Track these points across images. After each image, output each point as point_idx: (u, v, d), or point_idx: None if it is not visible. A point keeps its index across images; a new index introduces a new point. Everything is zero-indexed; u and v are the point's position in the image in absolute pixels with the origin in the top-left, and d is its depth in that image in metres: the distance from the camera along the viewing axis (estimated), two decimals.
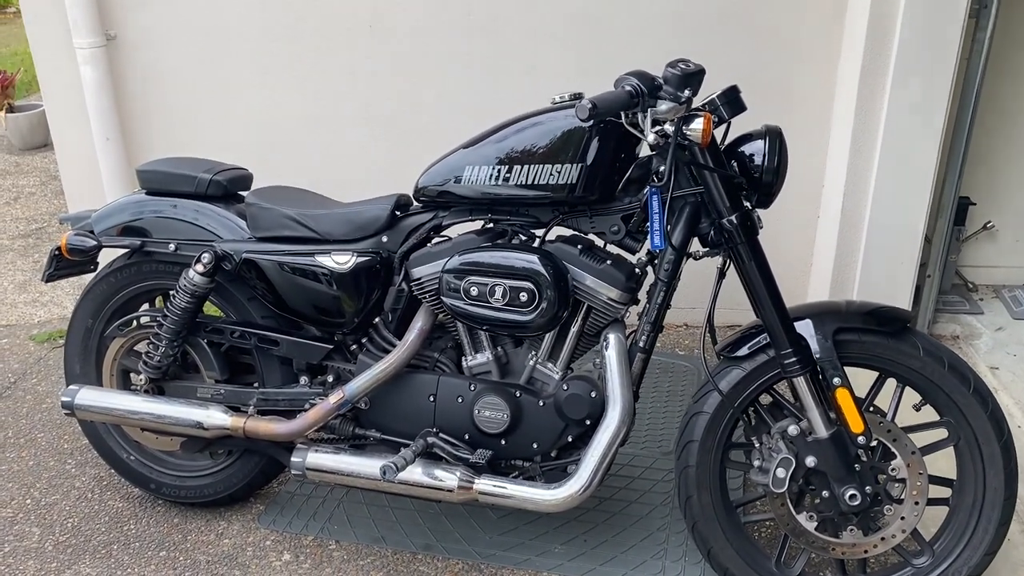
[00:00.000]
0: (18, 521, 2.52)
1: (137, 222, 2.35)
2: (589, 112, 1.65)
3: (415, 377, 2.19)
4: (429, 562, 2.33)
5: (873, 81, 2.86)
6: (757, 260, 1.92)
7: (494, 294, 2.00)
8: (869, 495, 1.95)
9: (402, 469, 2.01)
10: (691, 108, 1.81)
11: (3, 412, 3.05)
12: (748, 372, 2.00)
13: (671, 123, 1.80)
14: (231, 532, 2.46)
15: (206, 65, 3.30)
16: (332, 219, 2.21)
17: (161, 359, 2.32)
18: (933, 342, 1.97)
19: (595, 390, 2.05)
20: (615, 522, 2.45)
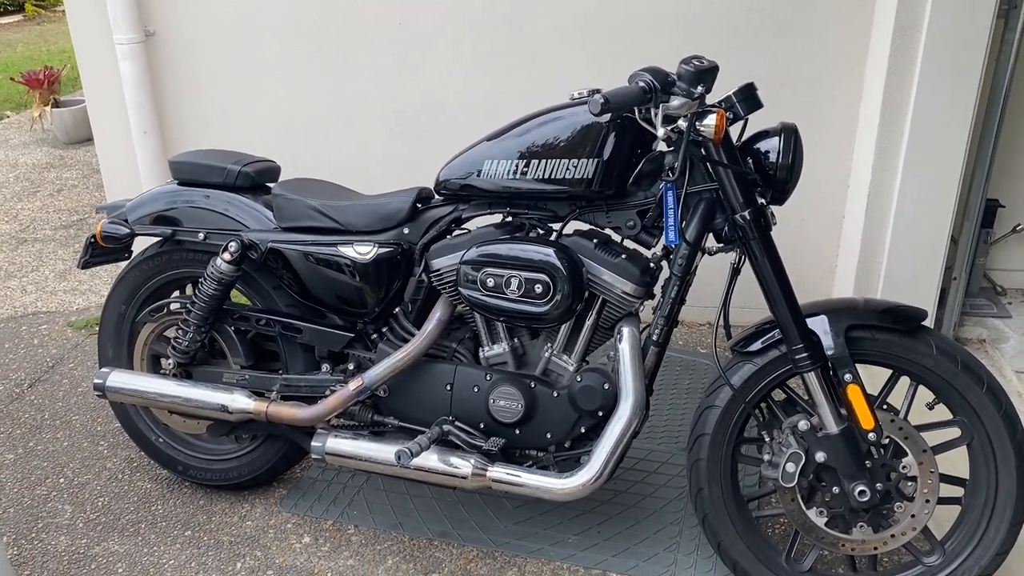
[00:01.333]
0: (51, 499, 2.62)
1: (169, 211, 2.43)
2: (602, 107, 1.68)
3: (433, 366, 2.24)
4: (445, 548, 2.38)
5: (899, 81, 2.86)
6: (770, 256, 1.94)
7: (510, 285, 2.04)
8: (879, 492, 1.95)
9: (417, 455, 2.06)
10: (705, 104, 1.84)
11: (40, 395, 3.16)
12: (760, 367, 2.02)
13: (685, 119, 1.83)
14: (254, 515, 2.53)
15: (238, 62, 3.38)
16: (355, 210, 2.27)
17: (189, 344, 2.39)
18: (947, 340, 1.97)
19: (608, 382, 2.08)
20: (629, 515, 2.47)
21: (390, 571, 2.31)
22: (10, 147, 6.39)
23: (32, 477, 2.71)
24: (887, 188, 3.00)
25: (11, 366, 3.37)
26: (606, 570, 2.28)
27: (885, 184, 3.00)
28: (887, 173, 2.98)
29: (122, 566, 2.35)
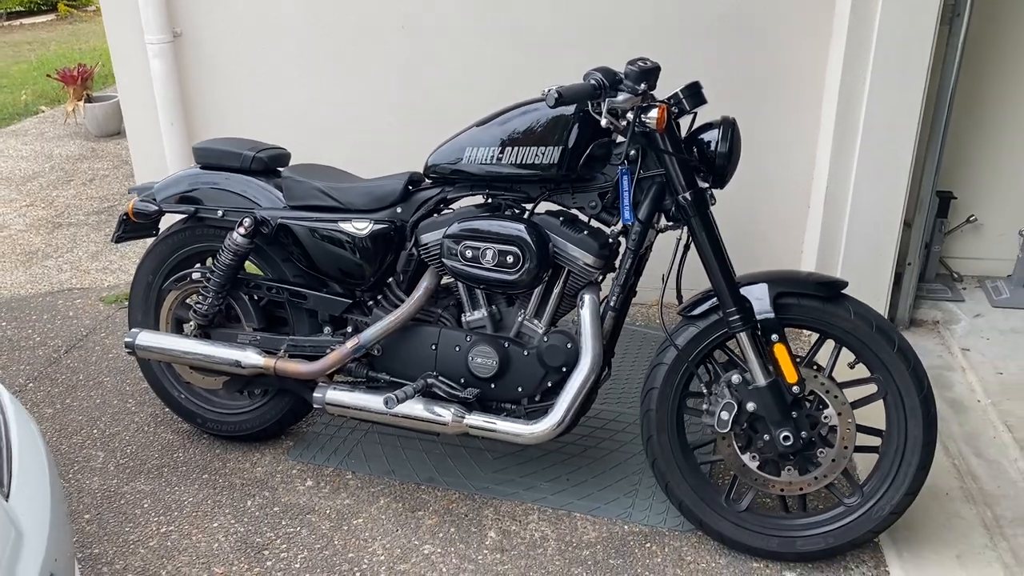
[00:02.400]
0: (85, 447, 2.96)
1: (192, 192, 2.75)
2: (556, 100, 1.99)
3: (420, 329, 2.55)
4: (430, 492, 2.69)
5: (853, 82, 3.13)
6: (708, 231, 2.23)
7: (485, 256, 2.35)
8: (803, 438, 2.24)
9: (402, 401, 2.37)
10: (651, 100, 2.14)
11: (76, 360, 3.51)
12: (701, 329, 2.31)
13: (632, 112, 2.13)
14: (264, 462, 2.85)
15: (258, 60, 3.71)
16: (354, 192, 2.58)
17: (208, 309, 2.72)
18: (863, 306, 2.25)
19: (571, 342, 2.39)
20: (597, 467, 2.77)
21: (381, 509, 2.62)
22: (45, 140, 6.78)
23: (68, 428, 3.05)
24: (843, 181, 3.27)
25: (49, 335, 3.72)
26: (571, 510, 2.59)
27: (842, 177, 3.27)
28: (843, 167, 3.26)
29: (148, 502, 2.68)
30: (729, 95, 3.38)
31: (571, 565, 2.39)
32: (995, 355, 3.28)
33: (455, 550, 2.45)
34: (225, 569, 2.40)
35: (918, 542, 2.40)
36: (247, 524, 2.57)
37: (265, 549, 2.47)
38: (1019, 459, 2.73)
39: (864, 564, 2.38)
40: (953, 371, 3.24)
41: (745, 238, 3.64)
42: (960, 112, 3.46)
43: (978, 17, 3.24)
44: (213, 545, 2.49)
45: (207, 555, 2.45)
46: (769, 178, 3.54)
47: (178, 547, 2.49)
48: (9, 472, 1.61)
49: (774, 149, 3.49)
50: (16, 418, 1.78)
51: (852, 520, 2.30)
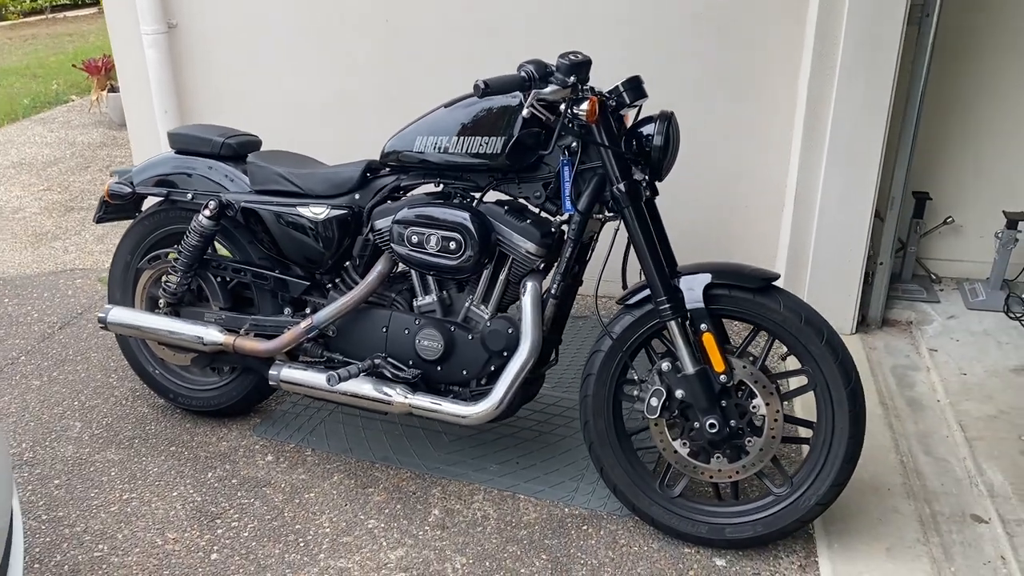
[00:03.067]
0: (65, 417, 3.10)
1: (167, 175, 2.87)
2: (482, 91, 2.06)
3: (373, 312, 2.64)
4: (384, 470, 2.78)
5: (821, 83, 3.16)
6: (641, 222, 2.29)
7: (430, 242, 2.43)
8: (731, 426, 2.29)
9: (344, 380, 2.47)
10: (582, 92, 2.21)
11: (68, 335, 3.66)
12: (636, 319, 2.37)
13: (564, 103, 2.19)
14: (229, 437, 2.97)
15: (250, 52, 3.84)
16: (314, 178, 2.68)
17: (177, 287, 2.84)
18: (794, 299, 2.29)
19: (513, 328, 2.46)
20: (548, 451, 2.84)
21: (334, 485, 2.72)
22: (71, 127, 7.02)
23: (52, 399, 3.20)
24: (812, 181, 3.30)
25: (46, 311, 3.88)
26: (516, 492, 2.66)
27: (811, 176, 3.30)
28: (812, 166, 3.29)
29: (115, 470, 2.81)
30: (706, 92, 3.45)
31: (507, 543, 2.46)
32: (962, 356, 3.28)
33: (398, 525, 2.54)
34: (177, 535, 2.51)
35: (850, 534, 2.44)
36: (205, 494, 2.68)
37: (218, 518, 2.58)
38: (967, 458, 2.74)
39: (795, 554, 2.42)
40: (918, 371, 3.25)
41: (722, 235, 3.68)
42: (935, 112, 3.47)
43: (951, 16, 3.25)
44: (170, 512, 2.61)
45: (163, 521, 2.57)
46: (746, 175, 3.57)
47: (137, 513, 2.61)
48: None
49: (751, 147, 3.52)
50: None
51: (780, 509, 2.34)
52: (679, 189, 3.62)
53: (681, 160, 3.60)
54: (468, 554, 2.42)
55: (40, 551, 2.45)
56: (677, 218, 3.67)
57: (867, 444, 2.76)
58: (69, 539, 2.50)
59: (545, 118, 2.24)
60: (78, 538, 2.50)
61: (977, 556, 2.35)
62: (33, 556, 2.43)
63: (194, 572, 2.37)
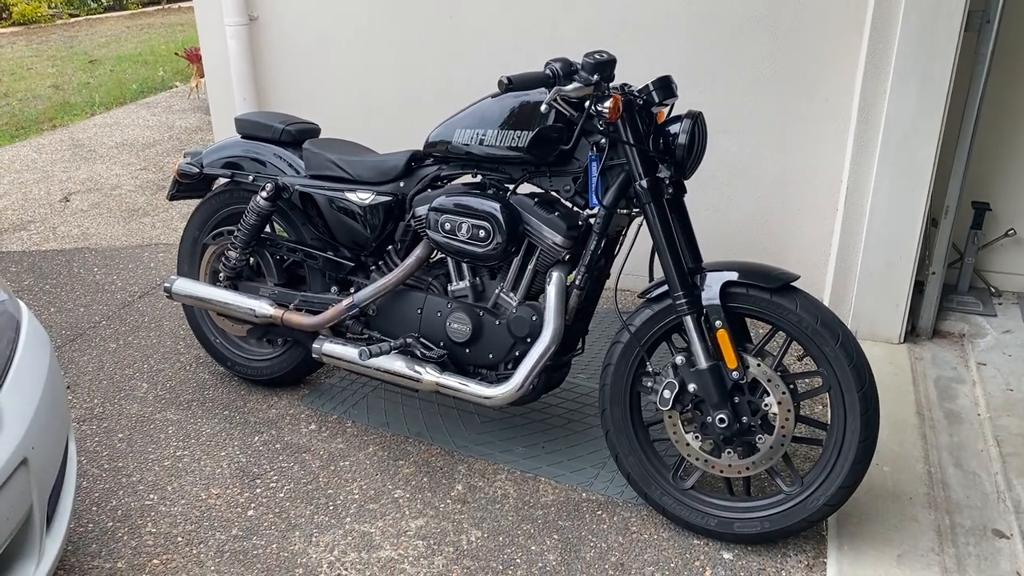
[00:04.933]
0: (134, 378, 3.36)
1: (232, 159, 3.08)
2: (505, 87, 2.17)
3: (410, 294, 2.78)
4: (416, 445, 2.92)
5: (874, 86, 3.14)
6: (661, 218, 2.35)
7: (461, 229, 2.55)
8: (742, 423, 2.33)
9: (375, 355, 2.61)
10: (607, 90, 2.28)
11: (146, 304, 3.95)
12: (655, 312, 2.43)
13: (589, 101, 2.28)
14: (279, 405, 3.16)
15: (324, 44, 4.05)
16: (363, 165, 2.84)
17: (235, 263, 3.04)
18: (811, 301, 2.31)
19: (537, 315, 2.56)
20: (574, 438, 2.93)
21: (368, 455, 2.88)
22: (172, 112, 7.44)
23: (125, 361, 3.47)
24: (863, 186, 3.28)
25: (129, 280, 4.18)
26: (537, 474, 2.76)
27: (861, 182, 3.28)
28: (863, 172, 3.26)
29: (173, 429, 3.04)
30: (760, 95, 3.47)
31: (522, 522, 2.57)
32: (1011, 371, 3.20)
33: (422, 497, 2.67)
34: (220, 491, 2.71)
35: (863, 538, 2.44)
36: (249, 456, 2.88)
37: (258, 479, 2.77)
38: (999, 473, 2.70)
39: (803, 553, 2.44)
40: (962, 383, 3.19)
41: (776, 236, 3.69)
42: (996, 121, 3.39)
43: (1015, 21, 3.17)
44: (216, 470, 2.81)
45: (209, 478, 2.78)
46: (799, 179, 3.57)
47: (187, 468, 2.82)
48: (4, 375, 1.95)
49: (804, 150, 3.52)
50: (29, 331, 2.13)
51: (788, 508, 2.36)
52: (731, 191, 3.67)
53: (733, 162, 3.67)
54: (484, 528, 2.54)
55: (99, 496, 2.69)
56: (727, 220, 3.72)
57: (896, 453, 2.78)
58: (125, 487, 2.73)
59: (569, 114, 2.32)
60: (133, 487, 2.73)
61: (991, 570, 2.33)
62: (92, 500, 2.67)
63: (231, 525, 2.56)
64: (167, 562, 2.42)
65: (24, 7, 12.22)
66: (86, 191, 5.47)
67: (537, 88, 2.27)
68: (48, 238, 4.73)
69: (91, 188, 5.52)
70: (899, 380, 3.20)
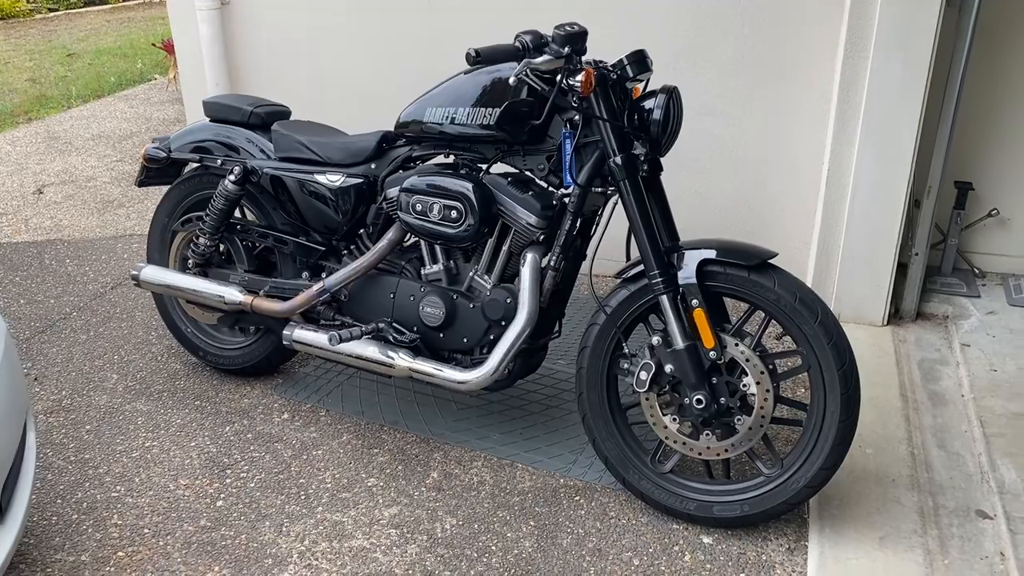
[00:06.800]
0: (104, 369, 3.28)
1: (201, 142, 3.01)
2: (473, 59, 2.10)
3: (382, 278, 2.72)
4: (391, 433, 2.86)
5: (855, 62, 3.09)
6: (636, 196, 2.29)
7: (432, 210, 2.49)
8: (719, 403, 2.28)
9: (345, 340, 2.55)
10: (578, 64, 2.22)
11: (118, 295, 3.87)
12: (631, 293, 2.38)
13: (560, 74, 2.22)
14: (251, 395, 3.09)
15: (296, 30, 3.97)
16: (333, 147, 2.77)
17: (204, 249, 2.97)
18: (789, 278, 2.26)
19: (511, 297, 2.50)
20: (553, 424, 2.88)
21: (342, 444, 2.81)
22: (150, 104, 7.34)
23: (95, 353, 3.39)
24: (845, 165, 3.23)
25: (102, 271, 4.10)
26: (515, 460, 2.70)
27: (843, 161, 3.23)
28: (844, 151, 3.22)
29: (142, 419, 2.96)
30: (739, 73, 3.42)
31: (498, 509, 2.51)
32: (995, 352, 3.17)
33: (396, 485, 2.61)
34: (189, 482, 2.64)
35: (845, 521, 2.40)
36: (220, 446, 2.81)
37: (229, 468, 2.70)
38: (982, 454, 2.65)
39: (784, 536, 2.39)
40: (946, 365, 3.15)
41: (758, 219, 3.64)
42: (980, 99, 3.35)
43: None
44: (186, 461, 2.74)
45: (178, 468, 2.71)
46: (783, 158, 3.51)
47: (156, 459, 2.75)
48: None
49: (786, 130, 3.47)
50: None
51: (768, 490, 2.31)
52: (713, 174, 3.62)
53: (715, 145, 3.61)
54: (459, 516, 2.48)
55: (64, 488, 2.61)
56: (709, 203, 3.67)
57: (879, 435, 2.74)
58: (91, 479, 2.66)
59: (540, 89, 2.26)
60: (99, 479, 2.66)
61: (975, 551, 2.29)
62: (57, 492, 2.59)
63: (199, 516, 2.49)
64: (132, 554, 2.36)
65: (2, 2, 12.06)
66: (60, 183, 5.38)
67: (507, 62, 2.21)
68: (20, 230, 4.64)
69: (66, 180, 5.43)
70: (883, 362, 3.16)
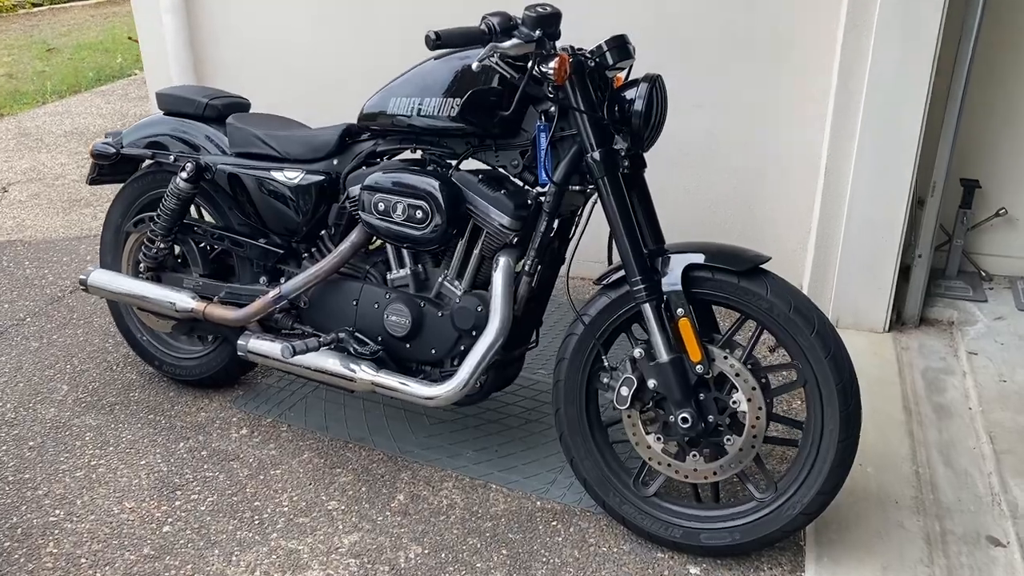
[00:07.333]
0: (55, 380, 3.07)
1: (154, 137, 2.80)
2: (433, 42, 1.90)
3: (344, 283, 2.51)
4: (356, 451, 2.66)
5: (855, 49, 2.89)
6: (616, 195, 2.09)
7: (396, 210, 2.29)
8: (706, 422, 2.08)
9: (301, 352, 2.34)
10: (551, 49, 2.02)
11: (76, 299, 3.66)
12: (612, 300, 2.17)
13: (532, 61, 2.01)
14: (209, 408, 2.89)
15: (268, 18, 3.76)
16: (291, 141, 2.56)
17: (156, 252, 2.77)
18: (783, 285, 2.06)
19: (483, 305, 2.29)
20: (530, 440, 2.67)
21: (303, 463, 2.61)
22: (127, 100, 7.13)
23: (46, 362, 3.19)
24: (844, 160, 3.03)
25: (61, 274, 3.90)
26: (488, 481, 2.50)
27: (842, 156, 3.03)
28: (843, 145, 3.02)
29: (91, 435, 2.76)
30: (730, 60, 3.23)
31: (468, 535, 2.31)
32: (1004, 361, 2.97)
33: (358, 509, 2.41)
34: (135, 504, 2.44)
35: (844, 547, 2.20)
36: (172, 465, 2.61)
37: (179, 490, 2.50)
38: (992, 473, 2.46)
39: (779, 566, 2.19)
40: (952, 375, 2.95)
41: (751, 218, 3.45)
42: (987, 90, 3.15)
43: None
44: (133, 481, 2.54)
45: (124, 490, 2.50)
46: (779, 153, 3.31)
47: (101, 479, 2.55)
48: None
49: (781, 122, 3.27)
50: None
51: (761, 517, 2.11)
52: (704, 170, 3.42)
53: (705, 139, 3.41)
54: (425, 544, 2.28)
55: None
56: (699, 201, 3.47)
57: (881, 451, 2.54)
58: (29, 502, 2.45)
59: (510, 76, 2.06)
60: (38, 501, 2.46)
61: None
62: None
63: (142, 543, 2.29)
64: None
65: None
66: (27, 181, 5.16)
67: (473, 46, 2.00)
68: None
69: (33, 178, 5.21)
70: (884, 372, 2.96)
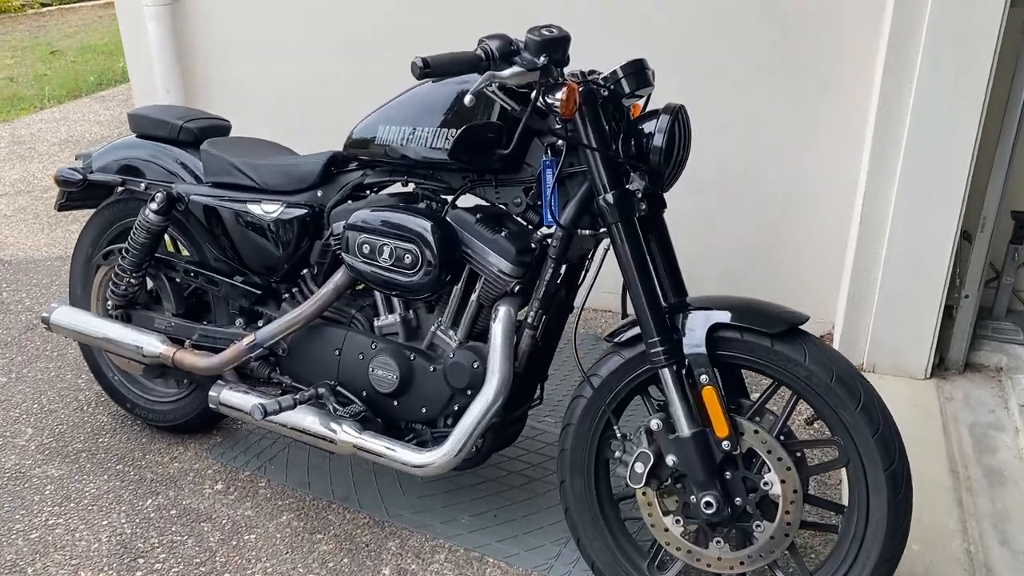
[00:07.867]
0: (19, 421, 2.83)
1: (126, 161, 2.56)
2: (420, 71, 1.63)
3: (327, 330, 2.26)
4: (339, 512, 2.40)
5: (899, 72, 2.60)
6: (631, 242, 1.82)
7: (382, 253, 2.03)
8: (734, 506, 1.81)
9: (274, 412, 2.08)
10: (558, 77, 1.75)
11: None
12: (625, 360, 1.91)
13: (536, 90, 1.75)
14: (184, 457, 2.64)
15: (257, 31, 3.52)
16: (271, 170, 2.31)
17: (126, 288, 2.52)
18: (825, 350, 1.78)
19: (479, 361, 2.03)
20: (534, 504, 2.41)
21: (280, 526, 2.35)
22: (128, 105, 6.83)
23: (12, 400, 2.95)
24: (884, 191, 2.74)
25: (39, 299, 3.66)
26: (485, 554, 2.24)
27: (882, 187, 2.74)
28: (884, 175, 2.72)
29: (51, 488, 2.51)
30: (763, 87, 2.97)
31: None
32: None
33: None
34: (91, 575, 2.19)
35: None
36: (137, 526, 2.36)
37: (141, 557, 2.25)
38: None
39: None
40: (1003, 431, 2.66)
41: (779, 254, 3.17)
42: None
43: None
44: (93, 546, 2.29)
45: (81, 556, 2.25)
46: (810, 184, 3.04)
47: (57, 543, 2.30)
48: None
49: (814, 152, 2.99)
50: None
51: None
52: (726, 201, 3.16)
53: (729, 168, 3.13)
54: None
55: None
56: (720, 235, 3.20)
57: (927, 524, 2.25)
58: None
59: (511, 108, 1.79)
60: None
61: None
62: None
63: None
64: None
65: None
66: (15, 193, 4.95)
67: (467, 74, 1.73)
68: None
69: (21, 190, 5.00)
70: (927, 427, 2.67)
